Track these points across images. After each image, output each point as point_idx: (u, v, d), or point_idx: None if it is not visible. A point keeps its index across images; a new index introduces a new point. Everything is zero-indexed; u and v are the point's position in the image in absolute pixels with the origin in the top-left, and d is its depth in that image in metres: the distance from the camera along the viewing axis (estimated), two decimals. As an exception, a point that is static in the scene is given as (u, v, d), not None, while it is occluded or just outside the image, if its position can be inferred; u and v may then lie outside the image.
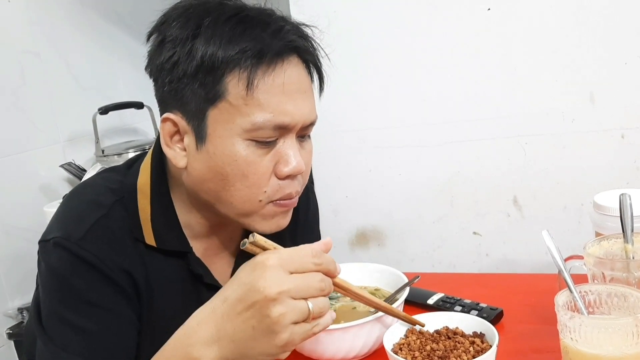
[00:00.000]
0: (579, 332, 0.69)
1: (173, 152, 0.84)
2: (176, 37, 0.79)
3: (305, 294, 0.66)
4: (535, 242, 1.33)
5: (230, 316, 0.68)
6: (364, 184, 1.56)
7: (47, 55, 1.85)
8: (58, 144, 1.88)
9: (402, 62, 1.45)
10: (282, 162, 0.81)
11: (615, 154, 1.30)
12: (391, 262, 1.38)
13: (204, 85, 0.78)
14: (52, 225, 0.86)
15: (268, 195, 0.82)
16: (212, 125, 0.80)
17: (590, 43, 1.28)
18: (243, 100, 0.78)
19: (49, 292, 0.83)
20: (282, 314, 0.64)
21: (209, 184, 0.83)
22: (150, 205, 0.87)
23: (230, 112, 0.79)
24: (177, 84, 0.80)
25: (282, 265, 0.66)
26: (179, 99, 0.81)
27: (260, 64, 0.78)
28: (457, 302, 1.03)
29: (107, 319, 0.82)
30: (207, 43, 0.77)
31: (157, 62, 0.82)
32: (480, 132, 1.41)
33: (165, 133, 0.84)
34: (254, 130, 0.79)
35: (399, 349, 0.82)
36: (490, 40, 1.36)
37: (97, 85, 2.02)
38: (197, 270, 0.90)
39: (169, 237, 0.88)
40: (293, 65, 0.81)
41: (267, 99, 0.78)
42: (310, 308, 0.66)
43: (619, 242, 0.85)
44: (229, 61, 0.77)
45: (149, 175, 0.89)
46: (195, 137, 0.81)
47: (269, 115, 0.78)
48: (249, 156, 0.80)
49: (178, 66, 0.79)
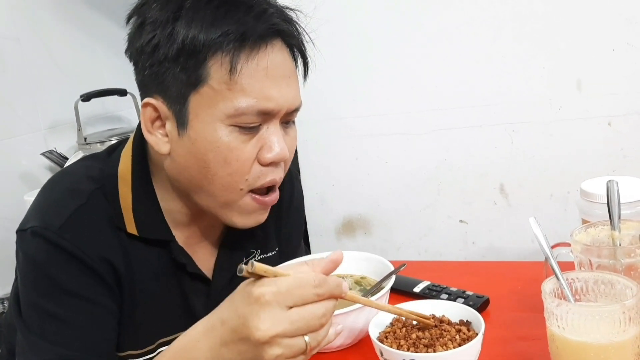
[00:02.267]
0: (565, 319, 0.69)
1: (155, 138, 0.82)
2: (156, 19, 0.77)
3: (303, 332, 0.63)
4: (522, 230, 1.34)
5: (227, 343, 0.65)
6: (351, 172, 1.56)
7: (27, 40, 1.82)
8: (39, 132, 1.85)
9: (389, 50, 1.44)
10: (265, 148, 0.80)
11: (602, 141, 1.30)
12: (378, 251, 1.38)
13: (186, 69, 0.76)
14: (30, 214, 0.84)
15: (249, 183, 0.81)
16: (194, 110, 0.78)
17: (578, 30, 1.27)
18: (226, 85, 0.76)
19: (27, 283, 0.81)
20: (277, 355, 0.62)
21: (190, 171, 0.81)
22: (132, 192, 0.86)
23: (212, 97, 0.77)
24: (157, 67, 0.78)
25: (279, 301, 0.62)
26: (159, 83, 0.79)
27: (243, 48, 0.76)
28: (444, 290, 1.03)
29: (86, 309, 0.80)
30: (189, 26, 0.75)
31: (137, 45, 0.80)
32: (467, 120, 1.41)
33: (146, 118, 0.82)
34: (237, 116, 0.77)
35: (384, 338, 0.81)
36: (478, 27, 1.35)
37: (78, 72, 1.99)
38: (180, 259, 0.88)
39: (151, 226, 0.86)
40: (277, 49, 0.79)
41: (251, 84, 0.77)
42: (307, 342, 0.63)
43: (606, 229, 0.85)
44: (211, 45, 0.75)
45: (130, 162, 0.87)
46: (177, 123, 0.80)
47: (253, 101, 0.77)
48: (232, 142, 0.78)
49: (159, 49, 0.77)
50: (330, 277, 0.66)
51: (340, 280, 0.66)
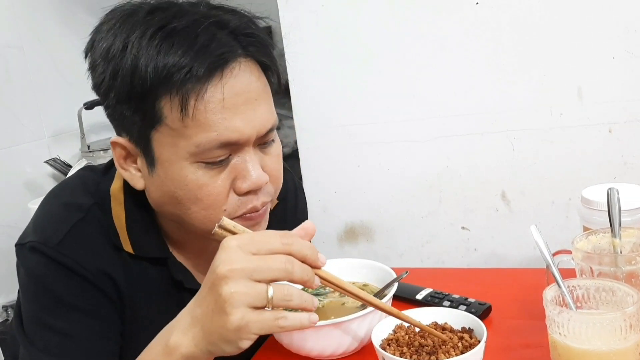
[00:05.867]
0: (567, 327, 0.69)
1: (129, 174, 0.80)
2: (105, 56, 0.74)
3: (265, 275, 0.61)
4: (524, 237, 1.34)
5: (198, 299, 0.66)
6: (353, 179, 1.55)
7: (32, 49, 1.83)
8: (43, 140, 1.86)
9: (390, 57, 1.44)
10: (240, 178, 0.76)
11: (603, 148, 1.30)
12: (380, 258, 1.38)
13: (139, 111, 0.73)
14: (29, 228, 0.83)
15: (228, 212, 0.77)
16: (158, 149, 0.75)
17: (578, 37, 1.27)
18: (181, 123, 0.72)
19: (28, 296, 0.81)
20: (233, 292, 0.60)
21: (167, 207, 0.79)
22: (125, 212, 0.84)
23: (172, 135, 0.73)
24: (113, 110, 0.76)
25: (241, 245, 0.61)
26: (119, 124, 0.77)
27: (193, 83, 0.70)
28: (446, 297, 1.03)
29: (88, 322, 0.80)
30: (135, 65, 0.70)
31: (93, 85, 0.77)
32: (468, 127, 1.41)
33: (118, 156, 0.80)
34: (200, 153, 0.73)
35: (387, 345, 0.81)
36: (479, 34, 1.35)
37: (82, 80, 1.96)
38: (178, 276, 0.87)
39: (147, 244, 0.85)
40: (235, 74, 0.73)
41: (208, 118, 0.71)
42: (270, 292, 0.61)
43: (607, 236, 0.85)
44: (158, 85, 0.70)
45: (121, 182, 0.85)
46: (146, 161, 0.77)
47: (213, 134, 0.72)
48: (200, 179, 0.74)
49: (110, 91, 0.74)
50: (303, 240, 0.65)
51: (314, 246, 0.64)
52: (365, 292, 0.97)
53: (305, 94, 1.47)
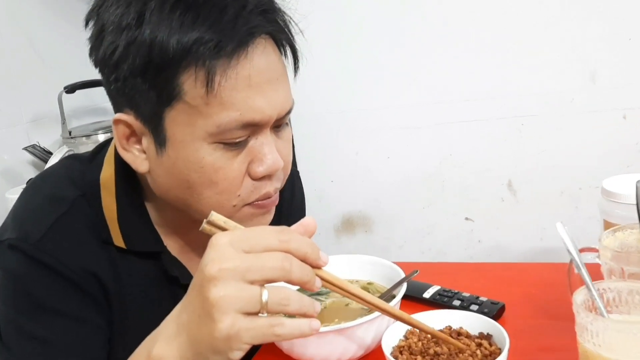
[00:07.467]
0: (602, 337, 0.63)
1: (131, 156, 0.75)
2: (117, 25, 0.68)
3: (259, 275, 0.55)
4: (530, 227, 1.29)
5: (184, 303, 0.60)
6: (350, 168, 1.51)
7: (8, 30, 1.75)
8: (21, 125, 1.79)
9: (391, 40, 1.40)
10: (256, 162, 0.72)
11: (617, 135, 1.26)
12: (378, 249, 1.34)
13: (155, 86, 0.68)
14: (8, 223, 0.78)
15: (242, 198, 0.74)
16: (171, 128, 0.70)
17: (592, 17, 1.22)
18: (203, 100, 0.68)
19: (5, 299, 0.75)
20: (222, 296, 0.53)
21: (174, 192, 0.74)
22: (117, 202, 0.79)
23: (189, 113, 0.69)
24: (123, 83, 0.70)
25: (233, 242, 0.56)
26: (129, 99, 0.71)
27: (220, 58, 0.67)
28: (455, 296, 0.97)
29: (70, 328, 0.74)
30: (153, 35, 0.66)
31: (98, 56, 0.71)
32: (473, 113, 1.37)
33: (120, 136, 0.74)
34: (220, 133, 0.69)
35: (399, 353, 0.75)
36: (485, 15, 1.30)
37: (62, 62, 1.91)
38: (173, 271, 0.82)
39: (140, 237, 0.80)
40: (260, 51, 0.70)
41: (232, 96, 0.68)
42: (264, 296, 0.55)
43: (635, 232, 0.80)
44: (181, 57, 0.66)
45: (112, 169, 0.80)
46: (154, 141, 0.72)
47: (236, 114, 0.68)
48: (217, 161, 0.71)
49: (122, 62, 0.68)
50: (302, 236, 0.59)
51: (315, 243, 0.58)
52: (371, 294, 0.90)
53: (301, 77, 1.42)
